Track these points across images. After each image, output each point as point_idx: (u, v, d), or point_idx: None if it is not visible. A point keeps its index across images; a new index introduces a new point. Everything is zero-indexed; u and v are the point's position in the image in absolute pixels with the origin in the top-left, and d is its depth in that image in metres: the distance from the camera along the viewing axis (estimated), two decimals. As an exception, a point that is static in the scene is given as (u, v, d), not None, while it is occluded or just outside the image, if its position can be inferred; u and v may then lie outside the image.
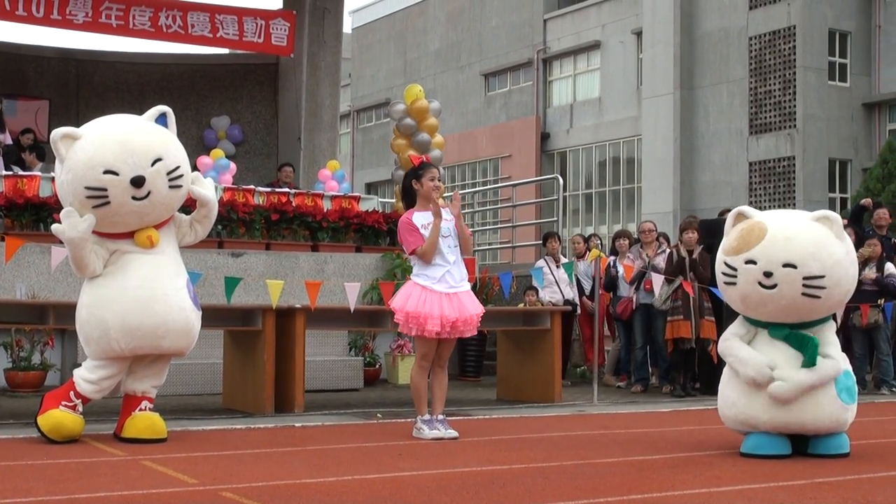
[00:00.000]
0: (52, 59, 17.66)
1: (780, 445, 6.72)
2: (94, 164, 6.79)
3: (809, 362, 6.63)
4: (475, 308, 7.59)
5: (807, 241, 6.65)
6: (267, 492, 5.26)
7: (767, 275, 6.62)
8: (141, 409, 7.17)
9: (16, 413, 8.60)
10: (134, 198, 6.86)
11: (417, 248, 7.45)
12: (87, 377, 7.04)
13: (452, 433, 7.49)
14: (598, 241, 14.03)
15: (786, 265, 6.58)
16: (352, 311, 9.26)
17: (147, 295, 6.93)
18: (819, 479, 5.88)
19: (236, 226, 12.52)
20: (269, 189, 13.59)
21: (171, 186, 7.02)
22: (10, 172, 12.25)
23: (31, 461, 6.19)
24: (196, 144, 17.39)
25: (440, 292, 7.44)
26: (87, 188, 6.81)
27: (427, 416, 7.61)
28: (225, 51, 18.09)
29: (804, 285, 6.60)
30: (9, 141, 13.61)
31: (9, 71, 17.25)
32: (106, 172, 6.79)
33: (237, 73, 18.37)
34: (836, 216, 6.75)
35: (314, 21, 16.95)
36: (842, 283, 6.69)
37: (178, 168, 7.06)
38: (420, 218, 7.54)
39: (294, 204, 13.25)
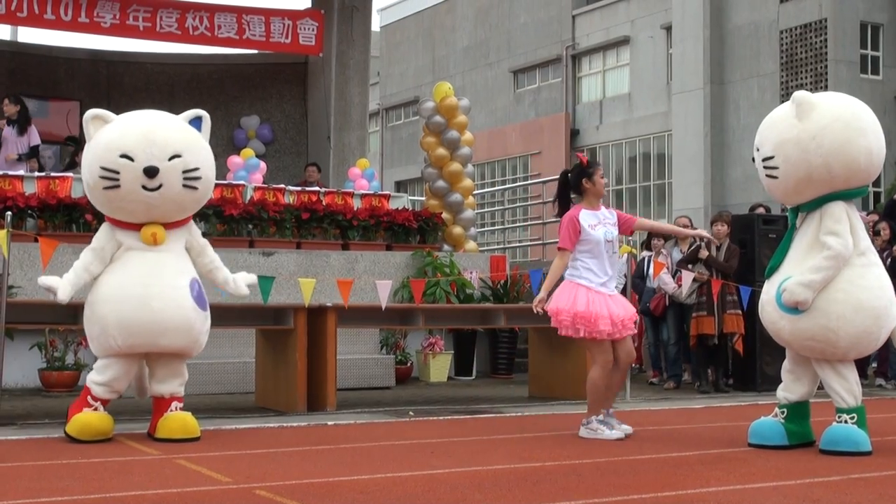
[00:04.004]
0: (83, 60, 17.79)
1: (774, 435, 6.85)
2: (113, 147, 6.92)
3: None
4: (632, 307, 7.62)
5: (766, 125, 6.98)
6: (300, 490, 5.27)
7: (753, 160, 7.09)
8: (172, 410, 7.20)
9: (50, 413, 8.66)
10: (144, 187, 6.93)
11: (564, 250, 7.40)
12: (97, 379, 7.10)
13: (627, 429, 7.37)
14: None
15: (757, 149, 6.98)
16: (383, 308, 9.27)
17: (144, 292, 6.94)
18: (855, 474, 5.83)
19: (267, 225, 12.56)
20: (299, 188, 13.62)
21: (184, 185, 7.05)
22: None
23: (65, 460, 6.23)
24: (226, 144, 17.49)
25: (605, 294, 7.36)
26: (102, 168, 6.94)
27: (602, 416, 7.43)
28: (254, 50, 18.16)
29: (764, 167, 6.89)
30: (37, 142, 13.66)
31: (41, 73, 17.39)
32: (122, 156, 6.90)
33: (266, 72, 18.44)
34: (800, 96, 6.76)
35: (343, 20, 16.98)
36: (791, 159, 6.69)
37: (196, 169, 7.08)
38: (588, 217, 7.44)
39: (324, 203, 13.27)
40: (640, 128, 33.97)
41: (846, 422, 6.64)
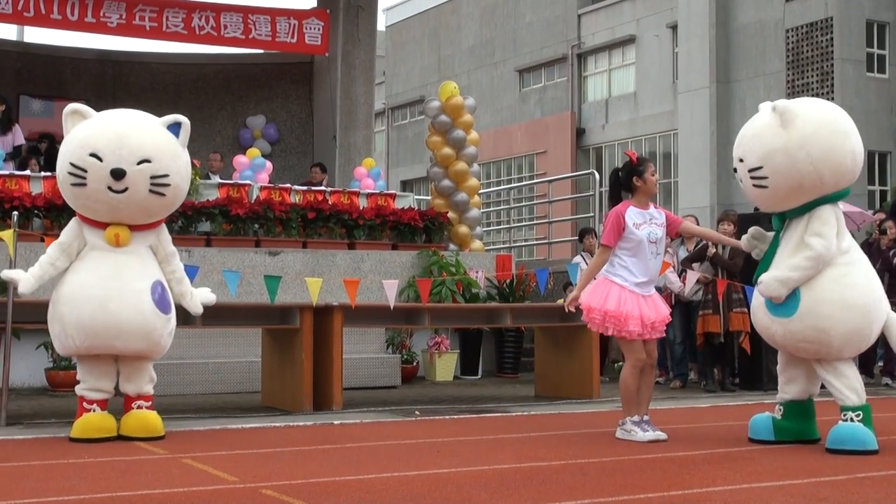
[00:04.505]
0: (90, 60, 17.81)
1: (762, 430, 6.94)
2: (84, 145, 6.94)
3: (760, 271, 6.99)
4: (666, 308, 7.50)
5: (749, 135, 6.97)
6: (306, 489, 5.27)
7: (734, 171, 7.09)
8: (137, 408, 7.22)
9: (57, 412, 8.68)
10: (110, 188, 6.92)
11: (606, 245, 7.28)
12: (83, 386, 7.20)
13: (661, 435, 7.20)
14: None
15: (740, 160, 6.98)
16: (392, 307, 9.27)
17: (103, 294, 6.94)
18: (861, 473, 5.82)
19: (273, 224, 12.56)
20: (305, 188, 13.62)
21: (151, 191, 7.01)
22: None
23: (72, 460, 6.24)
24: (232, 144, 17.51)
25: (639, 294, 7.25)
26: (71, 164, 6.97)
27: (637, 418, 7.32)
28: (260, 50, 18.19)
29: (751, 177, 6.88)
30: (21, 141, 13.64)
31: (46, 73, 17.42)
32: (92, 155, 6.90)
33: (272, 72, 18.45)
34: (783, 105, 6.78)
35: (348, 19, 16.99)
36: (781, 169, 6.71)
37: (165, 176, 7.03)
38: (635, 215, 7.29)
39: (330, 202, 13.27)
40: (646, 127, 33.93)
41: (851, 420, 6.65)
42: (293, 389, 9.21)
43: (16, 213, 8.57)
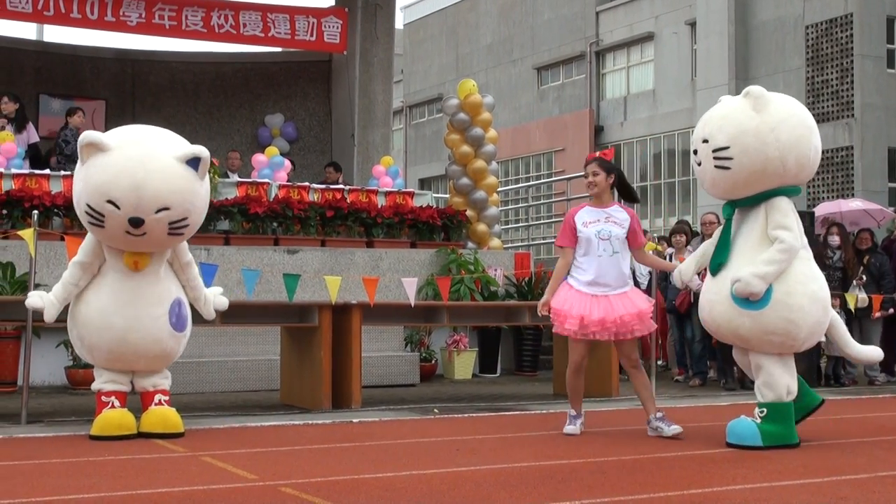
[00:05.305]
0: (109, 59, 17.87)
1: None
2: (102, 191, 6.82)
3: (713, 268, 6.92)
4: (628, 307, 7.29)
5: (717, 116, 6.95)
6: (326, 487, 5.28)
7: (695, 153, 7.02)
8: (157, 404, 7.31)
9: (77, 410, 8.71)
10: (128, 232, 6.91)
11: (562, 248, 7.52)
12: (100, 380, 7.29)
13: (676, 429, 7.25)
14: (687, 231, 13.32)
15: (704, 141, 6.92)
16: (412, 305, 9.28)
17: (122, 325, 7.05)
18: (883, 472, 5.80)
19: (291, 223, 12.59)
20: (323, 186, 13.64)
21: (170, 234, 7.04)
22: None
23: (92, 458, 6.26)
24: (250, 142, 17.54)
25: (588, 294, 7.30)
26: (89, 206, 6.91)
27: (573, 412, 7.52)
28: (278, 48, 18.23)
29: (714, 157, 6.84)
30: (35, 139, 13.68)
31: (66, 71, 17.49)
32: (109, 202, 6.82)
33: (290, 70, 18.48)
34: (757, 90, 6.83)
35: (366, 17, 17.01)
36: (749, 151, 6.71)
37: (184, 219, 7.02)
38: (586, 214, 7.49)
39: (348, 200, 13.28)
40: (665, 124, 33.85)
41: (756, 416, 6.82)
42: (312, 387, 9.22)
43: (36, 212, 8.59)
